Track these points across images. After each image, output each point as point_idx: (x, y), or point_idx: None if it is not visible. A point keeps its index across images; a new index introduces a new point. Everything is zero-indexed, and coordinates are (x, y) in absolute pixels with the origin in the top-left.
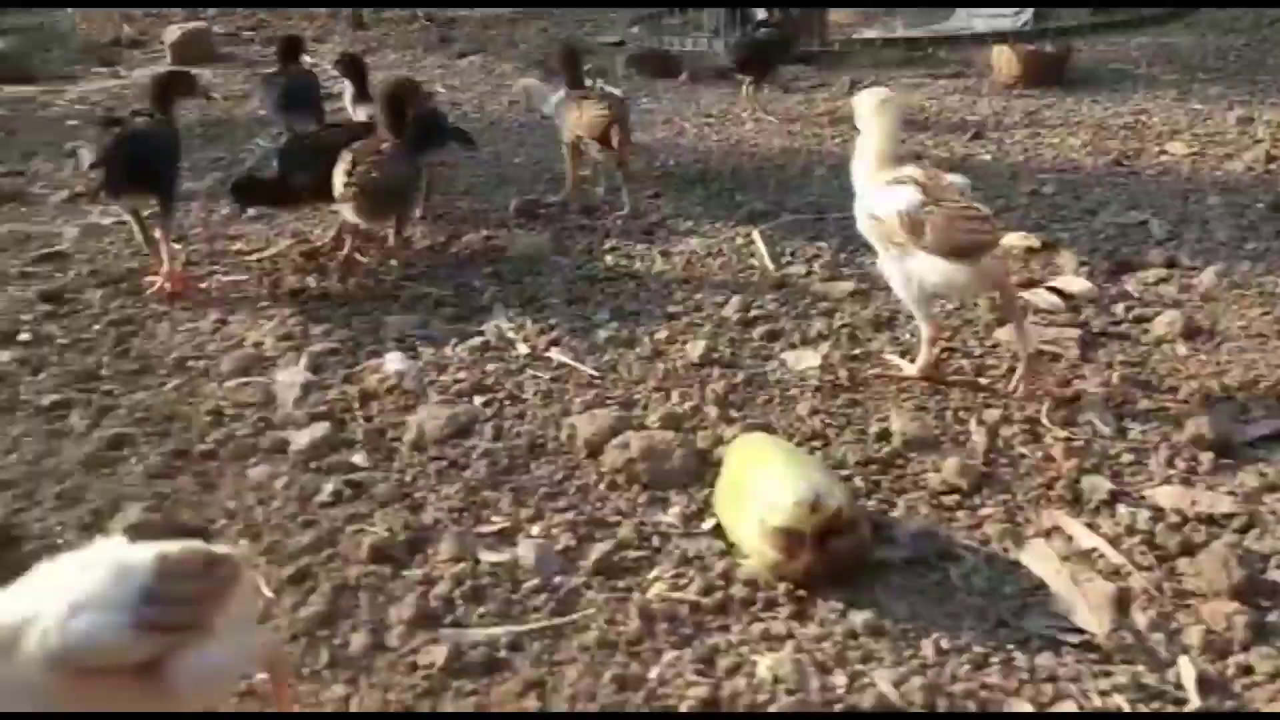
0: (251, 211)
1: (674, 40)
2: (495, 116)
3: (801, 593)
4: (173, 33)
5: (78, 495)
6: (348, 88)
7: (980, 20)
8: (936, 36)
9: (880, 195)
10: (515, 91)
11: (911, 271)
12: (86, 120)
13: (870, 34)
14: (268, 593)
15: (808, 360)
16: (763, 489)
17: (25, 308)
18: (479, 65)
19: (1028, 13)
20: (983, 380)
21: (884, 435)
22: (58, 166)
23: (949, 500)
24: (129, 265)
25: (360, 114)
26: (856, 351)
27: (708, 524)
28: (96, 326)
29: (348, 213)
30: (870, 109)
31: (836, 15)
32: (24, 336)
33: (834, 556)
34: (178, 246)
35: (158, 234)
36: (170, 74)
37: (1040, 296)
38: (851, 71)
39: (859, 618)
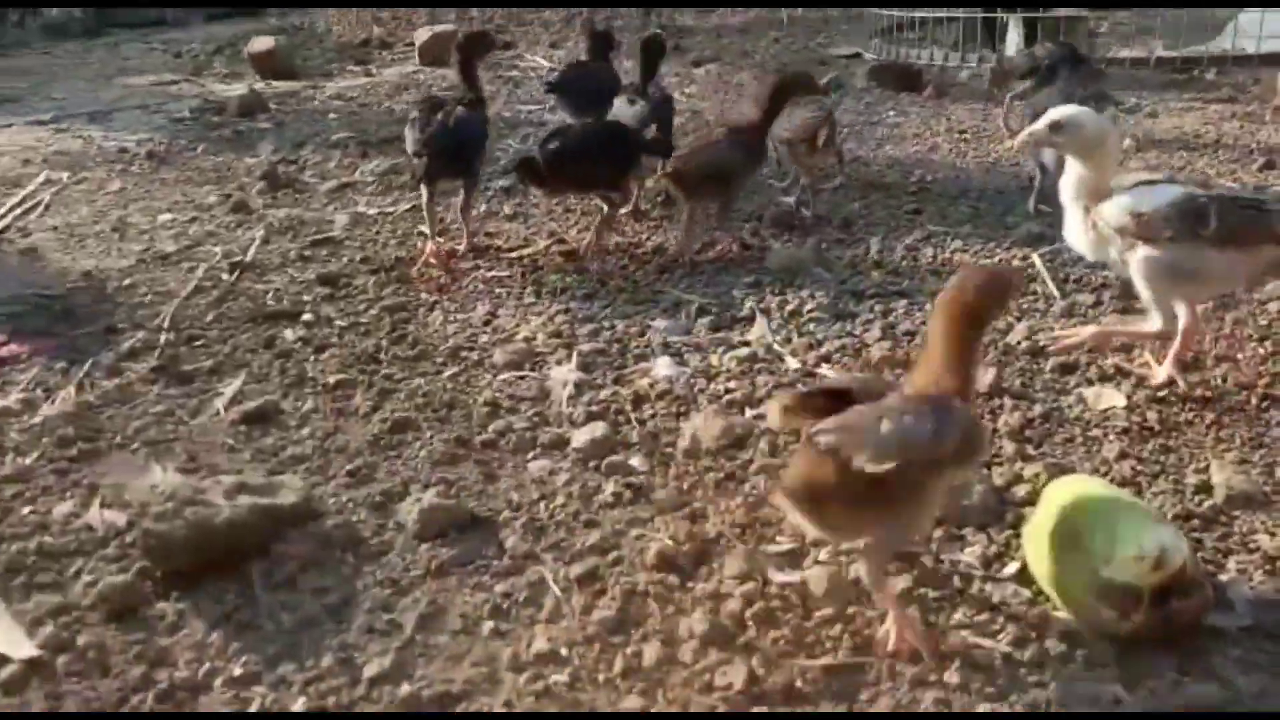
0: (507, 210)
1: (914, 53)
2: None
3: (1128, 655)
4: (422, 34)
5: (368, 475)
6: None
7: (1250, 41)
8: (1201, 57)
9: (1138, 194)
10: None
11: (1181, 265)
12: (344, 114)
13: (1127, 53)
14: (557, 591)
15: (1110, 399)
16: (1096, 538)
17: (305, 289)
18: (715, 74)
19: None
20: None
21: (1204, 488)
22: (325, 157)
23: None
24: (397, 254)
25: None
26: (1163, 393)
27: (1010, 569)
28: (372, 311)
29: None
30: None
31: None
32: (307, 317)
33: (1170, 618)
34: (441, 240)
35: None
36: (469, 36)
37: None
38: (1113, 92)
39: (1197, 690)
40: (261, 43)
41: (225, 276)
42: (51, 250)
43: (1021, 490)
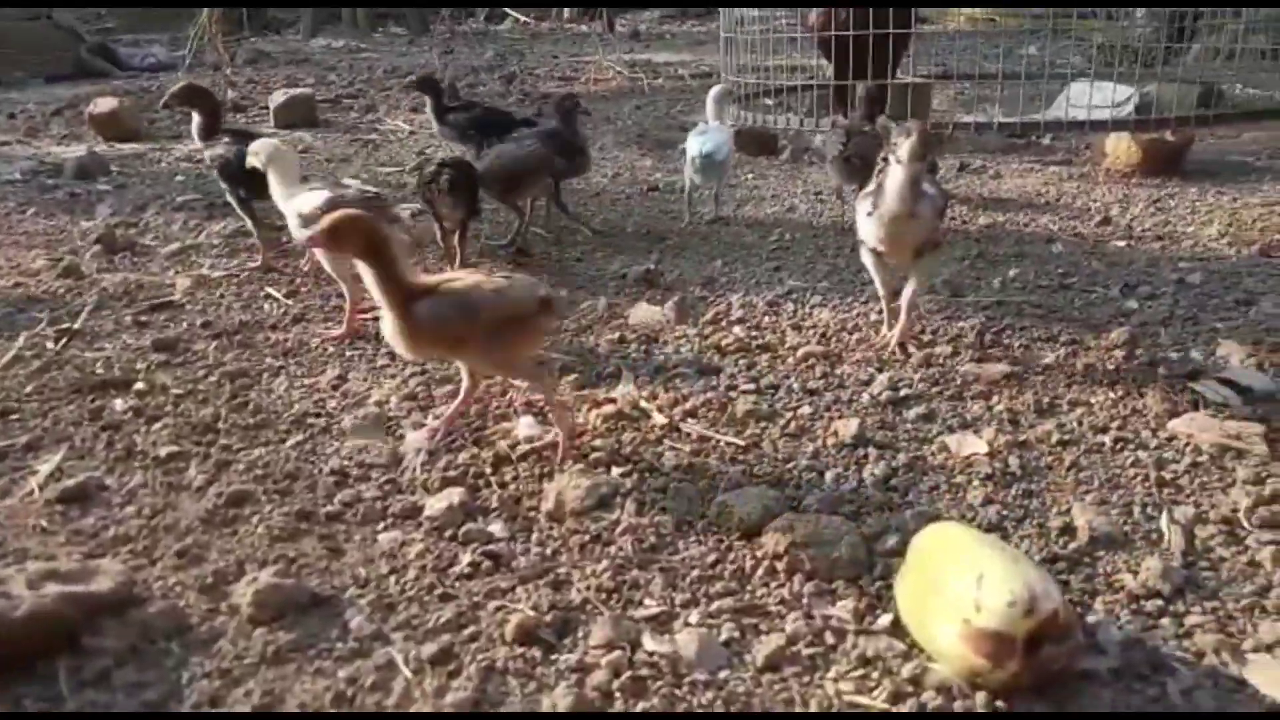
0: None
1: (770, 119)
2: (601, 187)
3: (1001, 704)
4: (277, 97)
5: (199, 555)
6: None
7: (1080, 110)
8: (1038, 123)
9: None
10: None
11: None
12: (190, 176)
13: (968, 119)
14: (406, 673)
15: (972, 445)
16: (965, 587)
17: (139, 356)
18: None
19: (1131, 103)
20: (1165, 474)
21: (1068, 529)
22: (168, 220)
23: (1150, 605)
24: (241, 317)
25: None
26: (1023, 438)
27: (883, 620)
28: (211, 378)
29: None
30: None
31: (934, 102)
32: (139, 385)
33: (1044, 665)
34: (290, 303)
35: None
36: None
37: (1212, 388)
38: (955, 156)
39: None
40: (104, 103)
41: (50, 345)
42: None
43: (890, 540)
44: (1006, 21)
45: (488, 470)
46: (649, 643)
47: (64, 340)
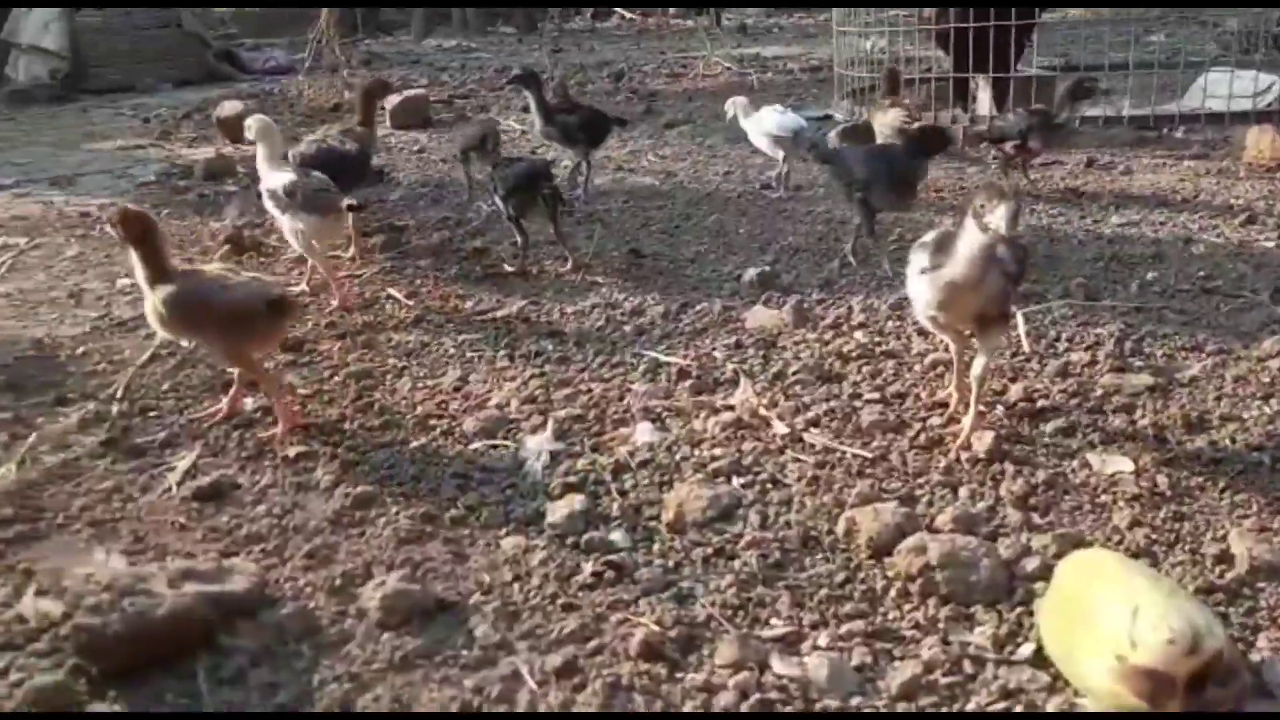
0: (479, 272)
1: None
2: (712, 186)
3: None
4: (392, 99)
5: (328, 556)
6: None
7: (1217, 100)
8: (1171, 115)
9: None
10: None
11: None
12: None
13: (1098, 112)
14: (532, 684)
15: (1117, 463)
16: (1119, 619)
17: (267, 356)
18: (688, 134)
19: (1274, 91)
20: None
21: (1224, 557)
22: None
23: None
24: (364, 318)
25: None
26: (1171, 455)
27: (1025, 650)
28: (337, 378)
29: None
30: None
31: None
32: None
33: (1207, 708)
34: (411, 304)
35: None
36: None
37: None
38: (1082, 151)
39: None
40: (230, 107)
41: (184, 344)
42: (3, 318)
43: (1031, 563)
44: (1132, 9)
45: (607, 477)
46: (778, 665)
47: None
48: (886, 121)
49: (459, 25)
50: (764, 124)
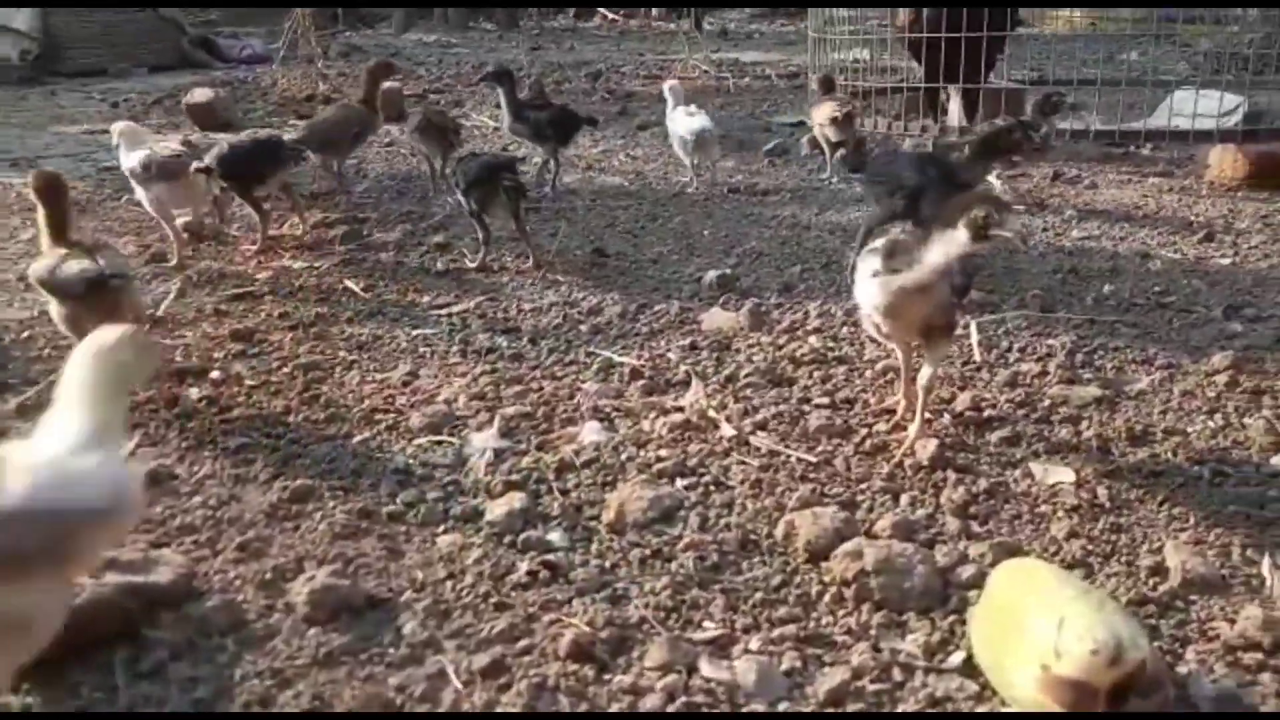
0: (440, 266)
1: (860, 122)
2: (680, 188)
3: None
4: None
5: (261, 549)
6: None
7: (1183, 119)
8: (1138, 132)
9: None
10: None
11: None
12: None
13: (1066, 125)
14: (457, 684)
15: (1059, 474)
16: (1046, 629)
17: (217, 345)
18: (660, 136)
19: (1239, 112)
20: (1269, 513)
21: (1159, 570)
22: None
23: (1249, 658)
24: (319, 310)
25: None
26: (1113, 467)
27: (955, 658)
28: (285, 370)
29: None
30: None
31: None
32: (215, 374)
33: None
34: (368, 297)
35: None
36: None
37: None
38: (1049, 164)
39: None
40: (200, 94)
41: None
42: None
43: (966, 571)
44: (1107, 26)
45: (550, 476)
46: (706, 668)
47: (146, 327)
48: (821, 114)
49: (439, 20)
50: (675, 125)
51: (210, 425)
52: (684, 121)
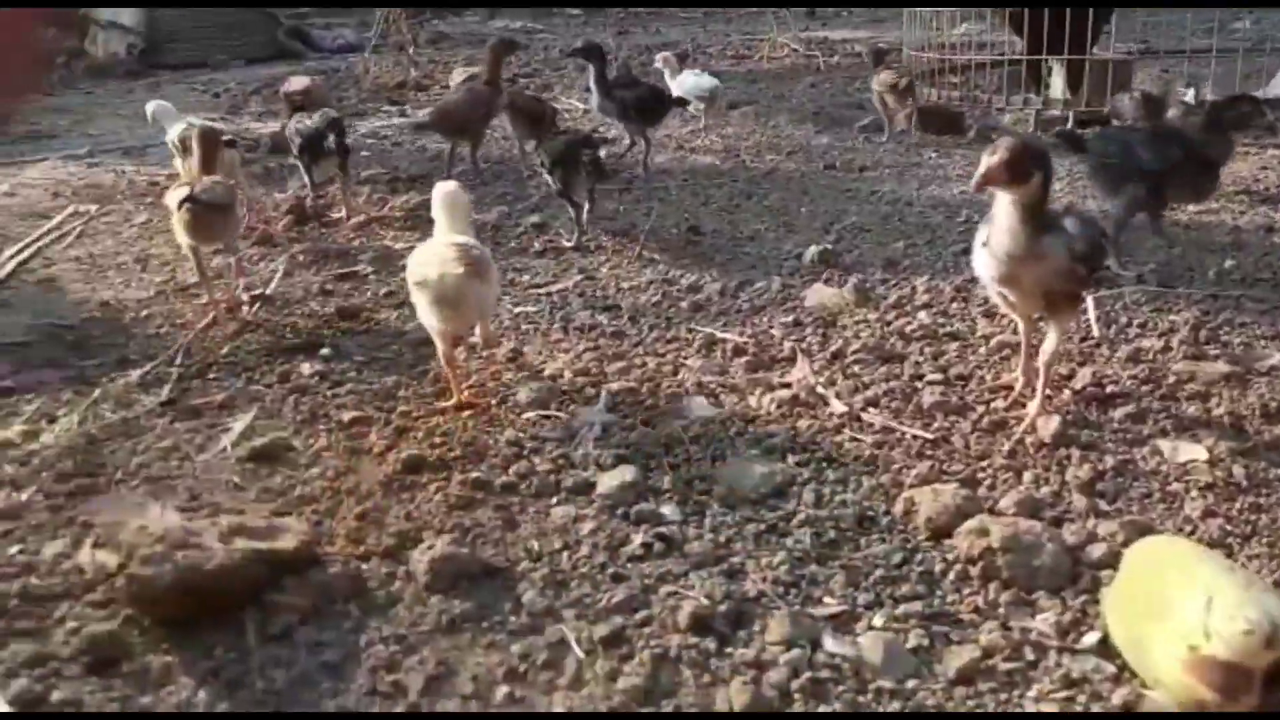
0: (537, 246)
1: (955, 95)
2: (774, 165)
3: None
4: (456, 76)
5: (378, 518)
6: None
7: None
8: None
9: None
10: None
11: None
12: (375, 151)
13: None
14: (579, 652)
15: (1190, 451)
16: (1193, 609)
17: (326, 323)
18: (751, 115)
19: None
20: None
21: None
22: (354, 192)
23: None
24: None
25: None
26: (1249, 445)
27: (1089, 638)
28: (394, 346)
29: None
30: None
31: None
32: (325, 351)
33: None
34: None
35: None
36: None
37: None
38: None
39: None
40: (297, 82)
41: (245, 309)
42: (72, 281)
43: (1097, 550)
44: None
45: (659, 450)
46: (830, 643)
47: (257, 305)
48: (881, 81)
49: (525, 5)
50: (684, 85)
51: (323, 399)
52: (695, 81)
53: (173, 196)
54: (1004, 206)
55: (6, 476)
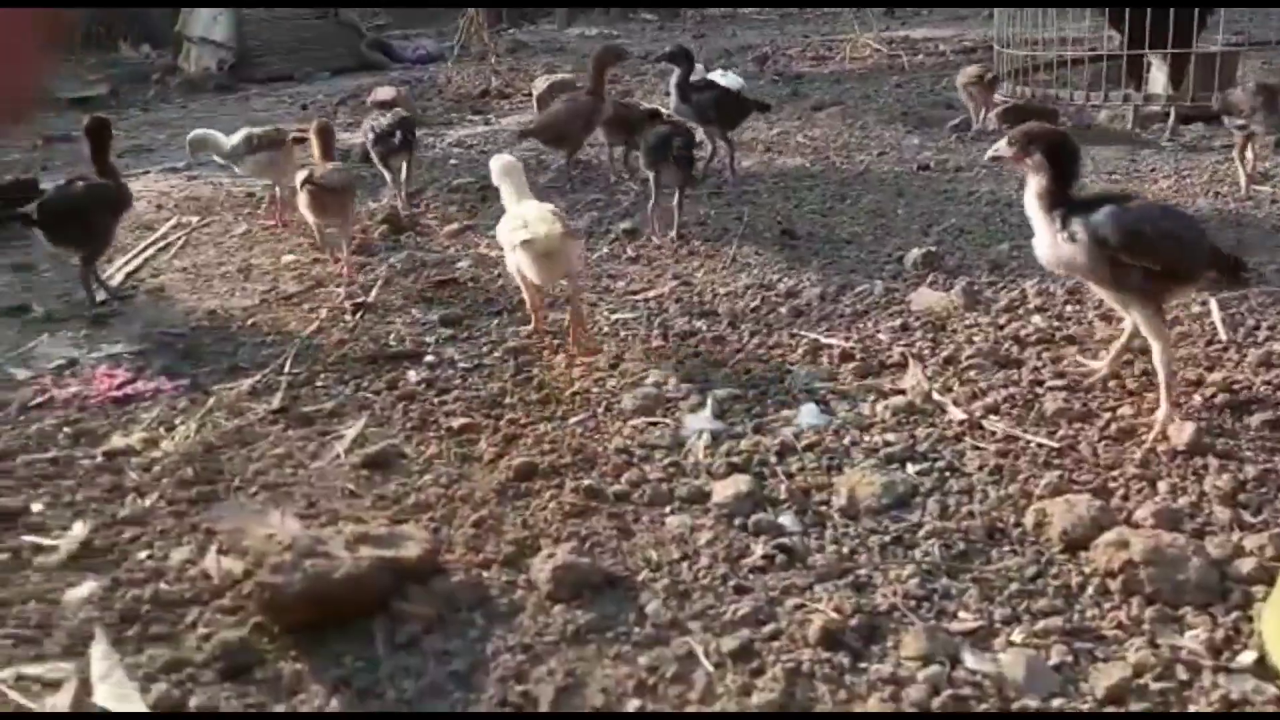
0: (629, 252)
1: (1051, 93)
2: (865, 167)
3: None
4: (539, 84)
5: (495, 526)
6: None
7: None
8: None
9: None
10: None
11: None
12: (463, 160)
13: None
14: (708, 666)
15: None
16: None
17: (428, 330)
18: (838, 116)
19: None
20: None
21: None
22: (446, 200)
23: None
24: (519, 296)
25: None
26: None
27: (1245, 657)
28: (495, 354)
29: None
30: None
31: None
32: (429, 358)
33: None
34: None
35: None
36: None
37: None
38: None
39: None
40: (384, 92)
41: (347, 318)
42: (179, 290)
43: (1246, 565)
44: None
45: (773, 459)
46: (970, 660)
47: (359, 313)
48: (966, 75)
49: (601, 13)
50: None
51: (431, 407)
52: (725, 80)
53: (298, 177)
54: (1027, 193)
55: (131, 482)
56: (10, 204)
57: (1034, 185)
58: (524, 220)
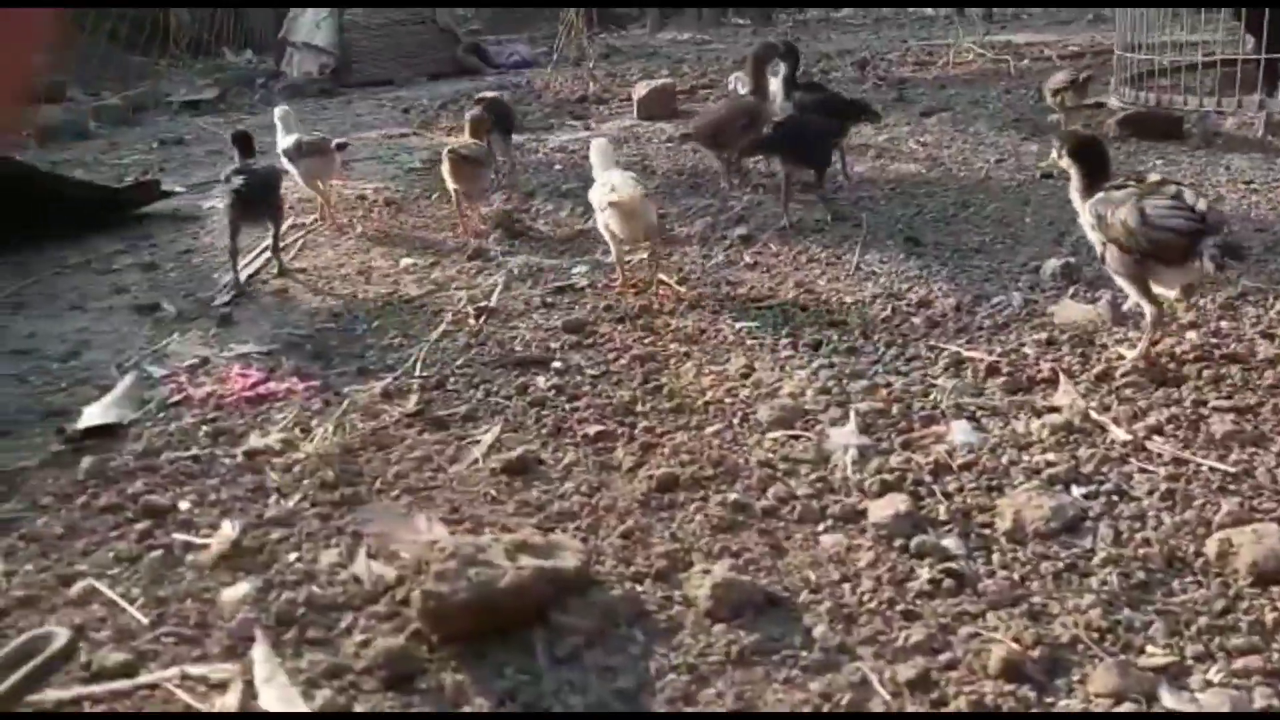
0: (747, 259)
1: (1174, 100)
2: (984, 174)
3: None
4: (640, 89)
5: (643, 538)
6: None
7: None
8: None
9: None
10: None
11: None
12: (567, 166)
13: None
14: (884, 694)
15: None
16: None
17: (552, 336)
18: (948, 122)
19: None
20: None
21: None
22: (556, 206)
23: None
24: (641, 303)
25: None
26: None
27: None
28: (622, 361)
29: None
30: None
31: None
32: (557, 364)
33: None
34: (683, 290)
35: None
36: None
37: None
38: None
39: None
40: (488, 97)
41: (471, 321)
42: (302, 292)
43: None
44: None
45: (927, 477)
46: (1169, 699)
47: (483, 317)
48: (1055, 81)
49: (692, 18)
50: None
51: (564, 413)
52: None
53: (445, 150)
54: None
55: (273, 483)
56: (134, 204)
57: (1073, 184)
58: (611, 185)
